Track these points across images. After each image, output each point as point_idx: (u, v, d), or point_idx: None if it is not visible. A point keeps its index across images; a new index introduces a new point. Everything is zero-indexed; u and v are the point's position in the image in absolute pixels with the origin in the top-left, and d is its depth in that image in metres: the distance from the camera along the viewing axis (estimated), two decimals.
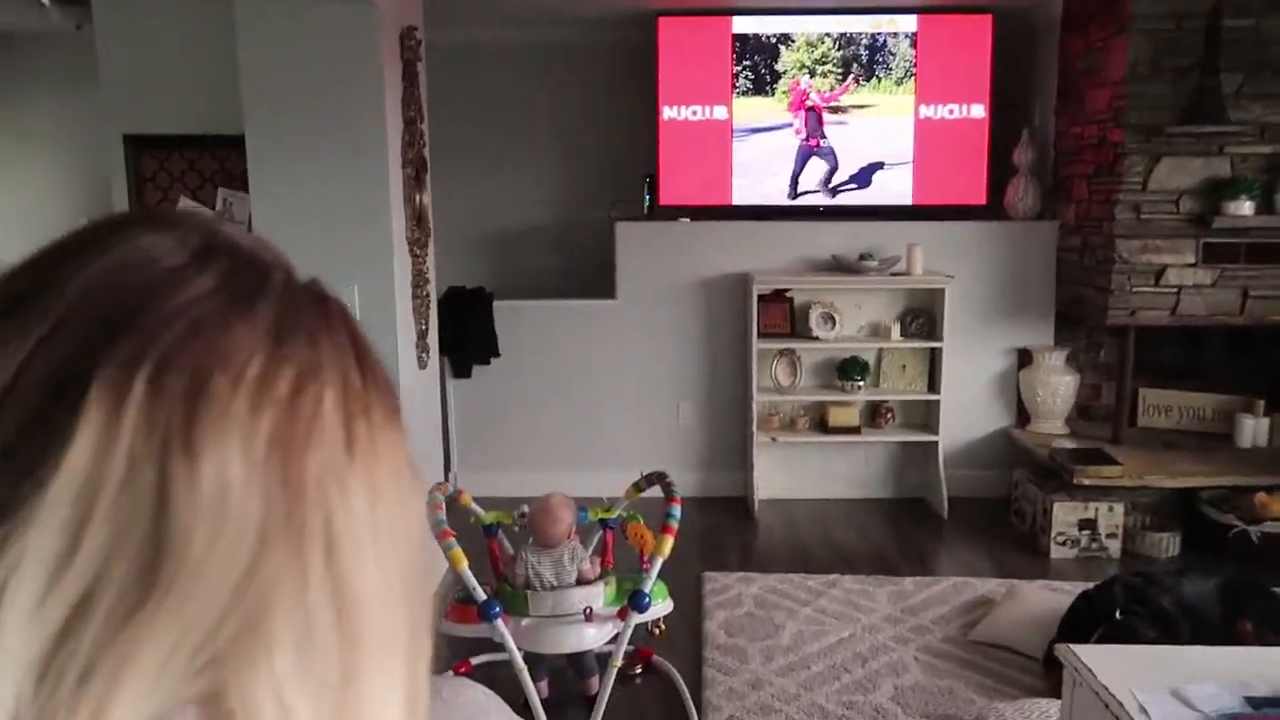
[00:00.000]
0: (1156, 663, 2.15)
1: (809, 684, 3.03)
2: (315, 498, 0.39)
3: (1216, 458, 4.25)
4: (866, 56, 4.70)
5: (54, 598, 0.36)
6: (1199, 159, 4.11)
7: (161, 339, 0.39)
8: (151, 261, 0.41)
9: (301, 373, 0.40)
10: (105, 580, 0.36)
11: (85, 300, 0.40)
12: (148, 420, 0.37)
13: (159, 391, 0.37)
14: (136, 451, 0.37)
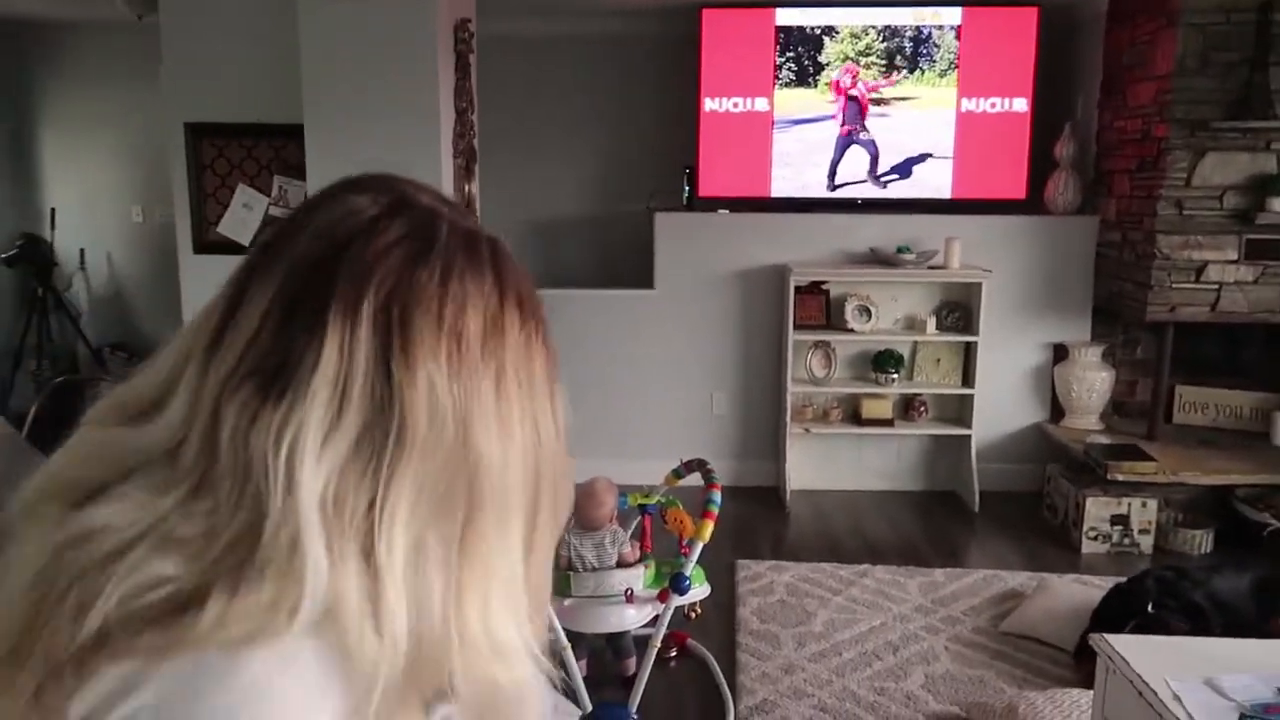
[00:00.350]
0: (1190, 654, 2.19)
1: (841, 670, 3.09)
2: (465, 393, 0.59)
3: (1253, 455, 4.24)
4: (910, 48, 4.71)
5: (328, 451, 0.56)
6: (1245, 154, 4.09)
7: (375, 276, 0.58)
8: (354, 214, 0.60)
9: (459, 306, 0.59)
10: (364, 441, 0.57)
11: (311, 244, 0.60)
12: (373, 338, 0.57)
13: (380, 319, 0.57)
14: (370, 358, 0.57)
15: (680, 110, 4.88)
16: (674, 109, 4.94)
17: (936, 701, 2.91)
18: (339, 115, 3.29)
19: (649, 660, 2.64)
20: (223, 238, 3.90)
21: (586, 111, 5.11)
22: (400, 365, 0.57)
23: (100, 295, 6.07)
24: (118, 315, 6.10)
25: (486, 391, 0.59)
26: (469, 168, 3.61)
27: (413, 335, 0.57)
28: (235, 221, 3.88)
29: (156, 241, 6.05)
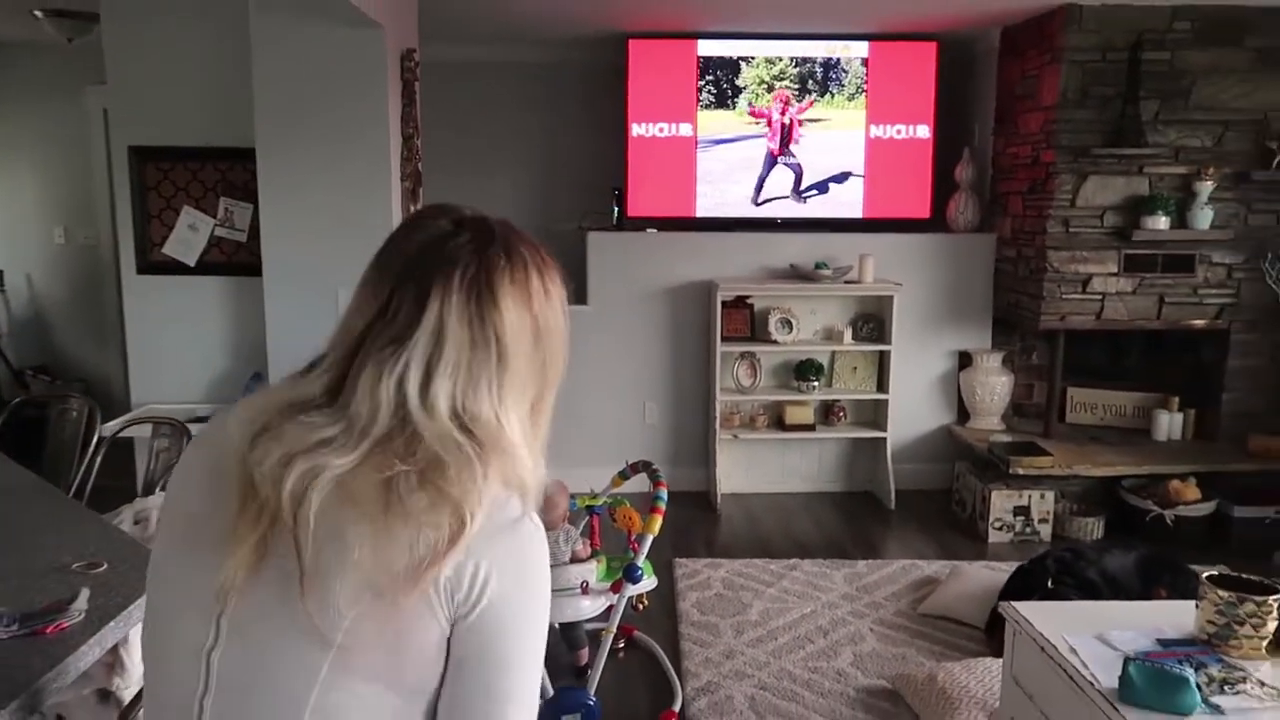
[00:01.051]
0: (1084, 616, 2.50)
1: (777, 653, 3.34)
2: (531, 315, 0.96)
3: (1136, 450, 4.67)
4: (821, 73, 5.06)
5: (440, 378, 0.90)
6: (1121, 178, 4.54)
7: (460, 262, 0.93)
8: (436, 229, 0.96)
9: (517, 266, 0.96)
10: (474, 364, 0.91)
11: (413, 251, 0.95)
12: (465, 299, 0.92)
13: (471, 286, 0.92)
14: (466, 312, 0.91)
15: (609, 134, 5.12)
16: (604, 133, 5.18)
17: (865, 677, 3.18)
18: (290, 141, 3.42)
19: (605, 646, 2.84)
20: (167, 258, 3.96)
21: (521, 136, 5.31)
22: (490, 307, 0.92)
23: (20, 317, 5.98)
24: (38, 337, 6.02)
25: (542, 312, 0.96)
26: (415, 190, 3.77)
27: (495, 289, 0.93)
28: (180, 242, 3.95)
29: (79, 263, 6.01)
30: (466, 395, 0.90)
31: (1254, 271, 4.58)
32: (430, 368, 0.89)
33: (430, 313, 0.89)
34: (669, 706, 2.97)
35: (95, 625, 1.48)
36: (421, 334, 0.89)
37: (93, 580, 1.59)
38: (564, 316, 1.01)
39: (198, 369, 4.00)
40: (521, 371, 0.94)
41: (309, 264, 3.49)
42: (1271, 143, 4.45)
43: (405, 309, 0.90)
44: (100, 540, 1.82)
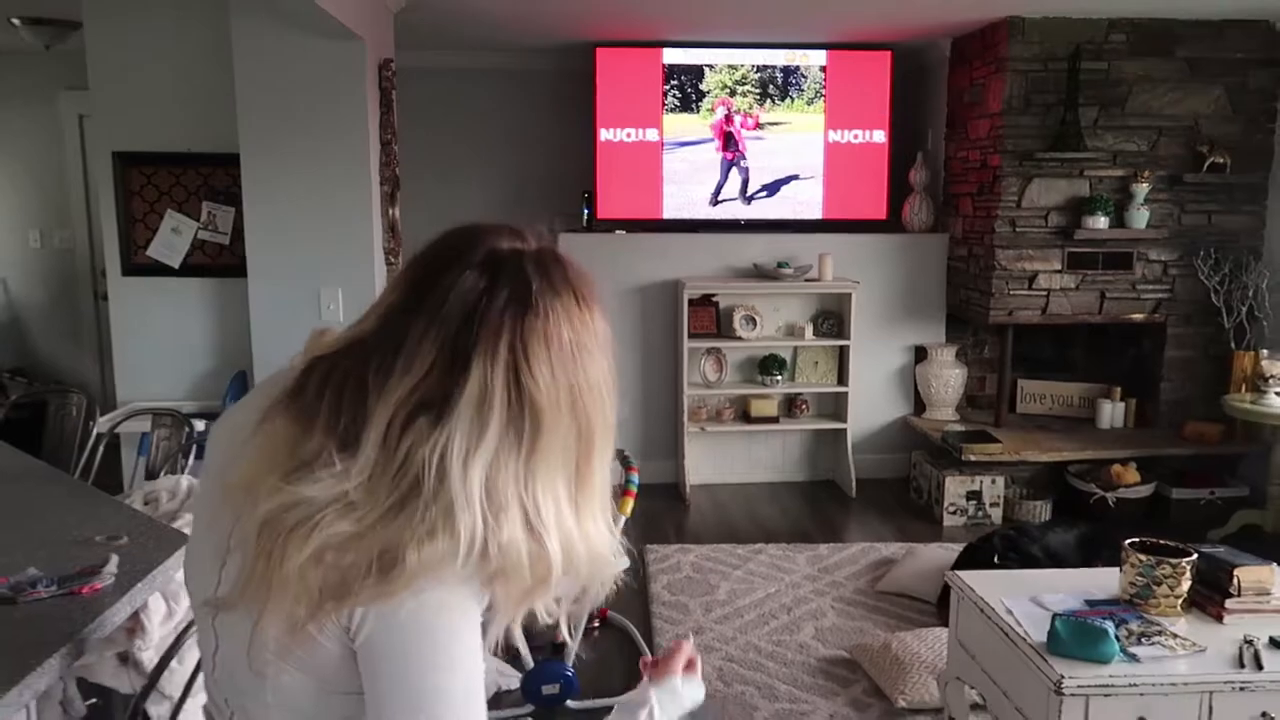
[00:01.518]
0: (1021, 582, 2.73)
1: (743, 629, 3.55)
2: (569, 377, 0.92)
3: (1081, 437, 4.94)
4: (782, 79, 5.28)
5: (479, 452, 0.87)
6: (1063, 180, 4.80)
7: (503, 331, 0.90)
8: (472, 290, 0.94)
9: (556, 325, 0.93)
10: (507, 437, 0.89)
11: (450, 313, 0.92)
12: (506, 369, 0.89)
13: (509, 356, 0.90)
14: (505, 382, 0.89)
15: (579, 138, 5.31)
16: (573, 137, 5.37)
17: (825, 648, 3.40)
18: (273, 147, 3.57)
19: (582, 620, 3.02)
20: (151, 260, 4.09)
21: (493, 140, 5.48)
22: (527, 377, 0.88)
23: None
24: (15, 340, 6.08)
25: (580, 370, 0.94)
26: (393, 194, 3.93)
27: (532, 357, 0.90)
28: (164, 245, 4.08)
29: (55, 266, 6.09)
30: (494, 476, 0.88)
31: (1187, 268, 4.87)
32: (470, 444, 0.87)
33: (473, 385, 0.87)
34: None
35: (125, 587, 1.64)
36: (465, 406, 0.87)
37: (117, 550, 1.75)
38: (606, 365, 0.97)
39: (182, 368, 4.12)
40: (556, 448, 0.91)
41: (292, 265, 3.64)
42: (1202, 147, 4.74)
43: (439, 372, 0.88)
44: (118, 517, 1.98)
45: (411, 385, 0.87)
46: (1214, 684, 2.21)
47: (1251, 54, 4.71)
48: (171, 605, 1.94)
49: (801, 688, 3.12)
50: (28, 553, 1.71)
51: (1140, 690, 2.19)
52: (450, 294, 0.92)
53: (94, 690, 2.09)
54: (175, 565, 1.80)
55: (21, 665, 1.33)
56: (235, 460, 0.94)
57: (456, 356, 0.88)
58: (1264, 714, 2.22)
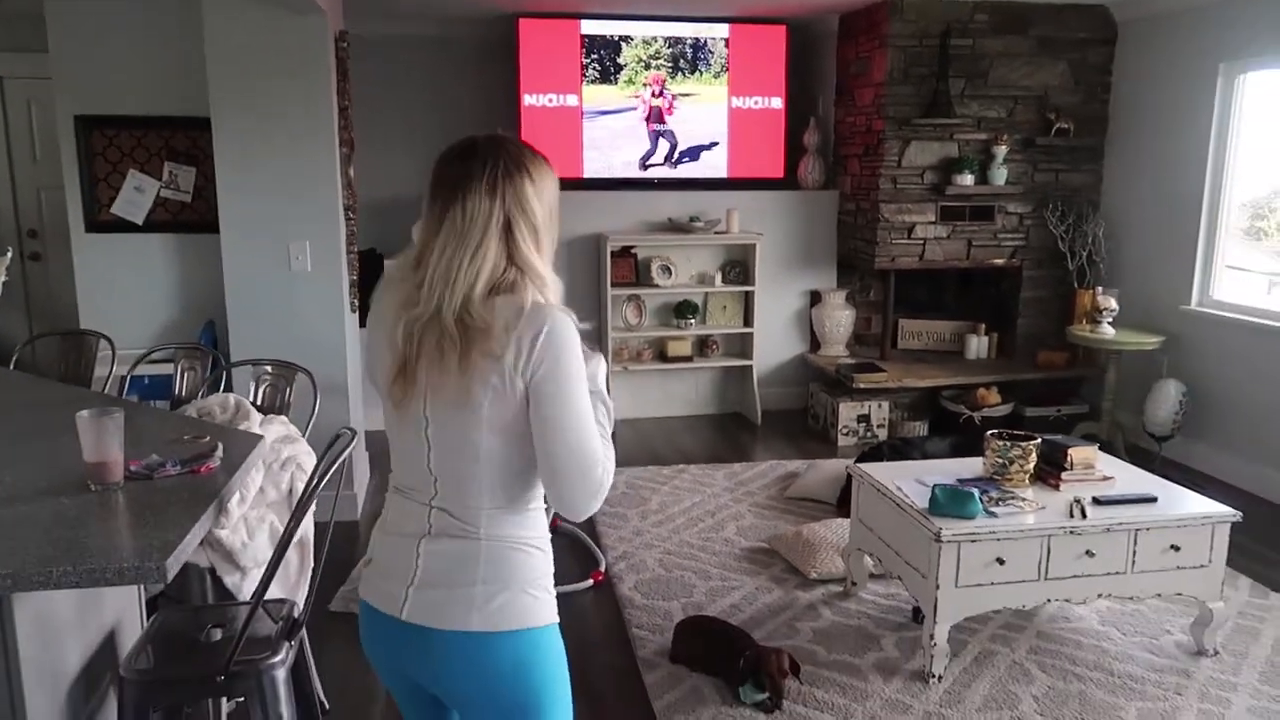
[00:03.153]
0: (907, 469, 3.40)
1: (676, 530, 4.14)
2: (544, 189, 1.48)
3: (952, 366, 5.71)
4: (691, 54, 5.81)
5: (487, 242, 1.41)
6: (936, 143, 5.51)
7: (485, 174, 1.41)
8: (467, 162, 1.44)
9: (527, 165, 1.45)
10: (511, 227, 1.43)
11: (455, 179, 1.43)
12: (494, 194, 1.40)
13: (499, 185, 1.40)
14: (497, 198, 1.41)
15: (504, 103, 5.71)
16: (499, 102, 5.76)
17: (746, 541, 4.02)
18: (243, 112, 3.87)
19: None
20: (115, 218, 4.34)
21: (426, 104, 5.81)
22: (510, 191, 1.37)
23: None
24: None
25: (548, 187, 1.45)
26: (350, 156, 4.29)
27: (516, 181, 1.38)
28: (127, 202, 4.34)
29: None
30: (525, 253, 1.40)
31: (1039, 219, 5.66)
32: (514, 244, 1.40)
33: (470, 206, 1.37)
34: (596, 568, 3.72)
35: (230, 469, 2.06)
36: (464, 222, 1.36)
37: (216, 443, 2.17)
38: (557, 192, 1.49)
39: (148, 319, 4.41)
40: (544, 230, 1.44)
41: (262, 220, 3.97)
42: (1050, 114, 5.51)
43: (452, 210, 1.38)
44: (189, 425, 2.38)
45: (446, 224, 1.38)
46: (1051, 530, 2.91)
47: (1091, 34, 5.49)
48: (243, 493, 2.37)
49: (730, 570, 3.73)
50: (134, 449, 2.11)
51: (998, 537, 2.88)
52: (455, 169, 1.42)
53: None
54: (257, 458, 2.23)
55: (189, 516, 1.76)
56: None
57: (456, 194, 1.39)
58: (1087, 551, 2.94)
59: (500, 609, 1.41)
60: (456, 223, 1.37)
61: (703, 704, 2.81)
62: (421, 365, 1.38)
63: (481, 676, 1.43)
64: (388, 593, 1.46)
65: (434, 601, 1.42)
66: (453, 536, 1.43)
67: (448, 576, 1.42)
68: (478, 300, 1.36)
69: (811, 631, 3.24)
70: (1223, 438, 4.88)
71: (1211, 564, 3.04)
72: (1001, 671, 2.99)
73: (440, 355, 1.36)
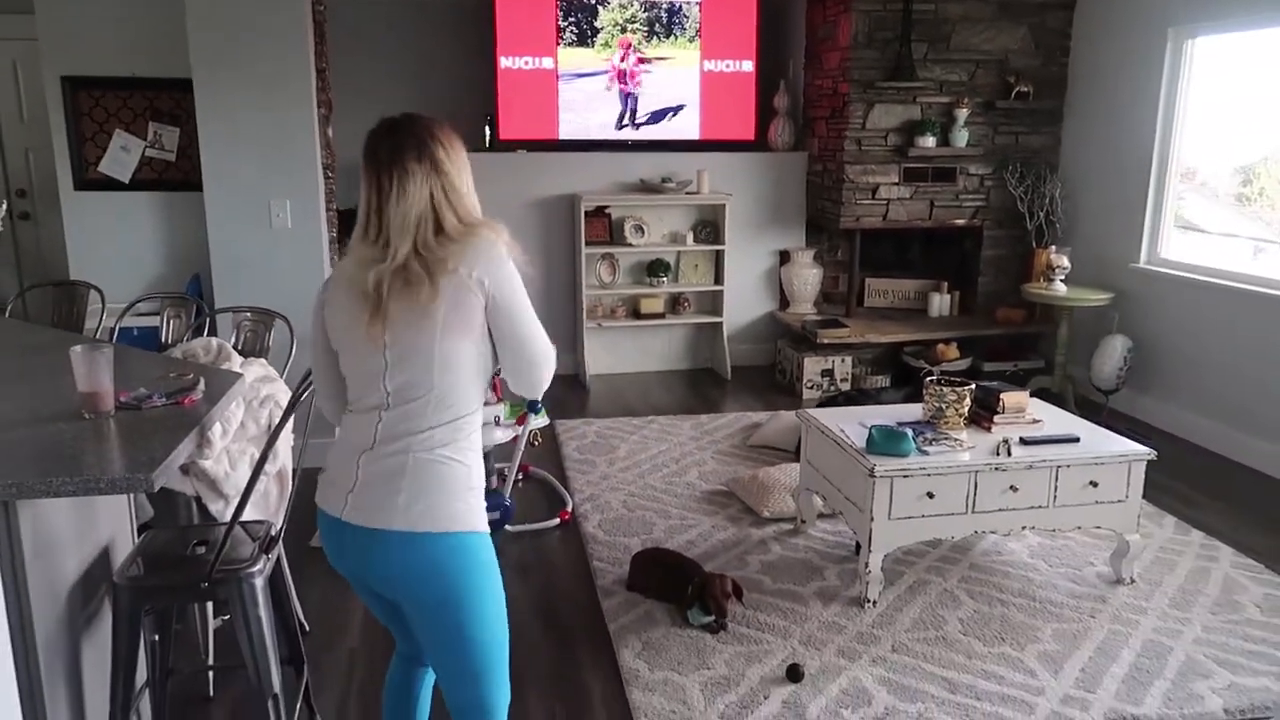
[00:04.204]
0: (852, 413, 3.62)
1: (641, 475, 4.37)
2: (459, 157, 1.78)
3: (915, 324, 5.93)
4: (666, 18, 5.95)
5: (419, 202, 1.72)
6: (900, 106, 5.68)
7: (413, 138, 1.72)
8: (394, 138, 1.75)
9: (446, 143, 1.74)
10: (439, 190, 1.73)
11: (385, 157, 1.72)
12: (419, 157, 1.70)
13: (428, 164, 1.70)
14: (422, 163, 1.71)
15: (481, 65, 5.85)
16: (476, 65, 5.90)
17: (707, 484, 4.26)
18: (225, 73, 4.03)
19: (515, 464, 3.78)
20: (103, 176, 4.50)
21: (403, 65, 5.94)
22: (430, 157, 1.65)
23: None
24: None
25: (458, 150, 1.72)
26: (328, 116, 4.45)
27: (435, 149, 1.66)
28: (114, 161, 4.50)
29: None
30: (453, 199, 1.68)
31: (999, 181, 5.86)
32: (439, 202, 1.67)
33: (412, 186, 1.65)
34: (564, 508, 3.95)
35: (212, 400, 2.27)
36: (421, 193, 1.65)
37: (198, 378, 2.37)
38: (464, 153, 1.75)
39: (135, 273, 4.58)
40: (461, 181, 1.70)
41: (244, 178, 4.14)
42: (1010, 77, 5.68)
43: (384, 190, 1.67)
44: (174, 365, 2.58)
45: (418, 191, 1.66)
46: (978, 467, 3.14)
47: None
48: (225, 426, 2.58)
49: (689, 510, 3.97)
50: (122, 383, 2.31)
51: (929, 473, 3.11)
52: (384, 144, 1.71)
53: (156, 499, 2.71)
54: (236, 393, 2.43)
55: (173, 439, 1.97)
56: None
57: (395, 171, 1.67)
58: (1012, 486, 3.18)
59: (421, 513, 1.66)
60: (399, 186, 1.65)
61: (654, 625, 3.05)
62: (391, 301, 1.64)
63: (405, 572, 1.68)
64: (333, 498, 1.74)
65: (367, 504, 1.68)
66: (388, 454, 1.68)
67: (380, 485, 1.68)
68: (431, 241, 1.65)
69: (760, 564, 3.48)
70: (1167, 390, 5.12)
71: (1128, 499, 3.27)
72: (932, 598, 3.23)
73: (408, 287, 1.63)
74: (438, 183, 1.66)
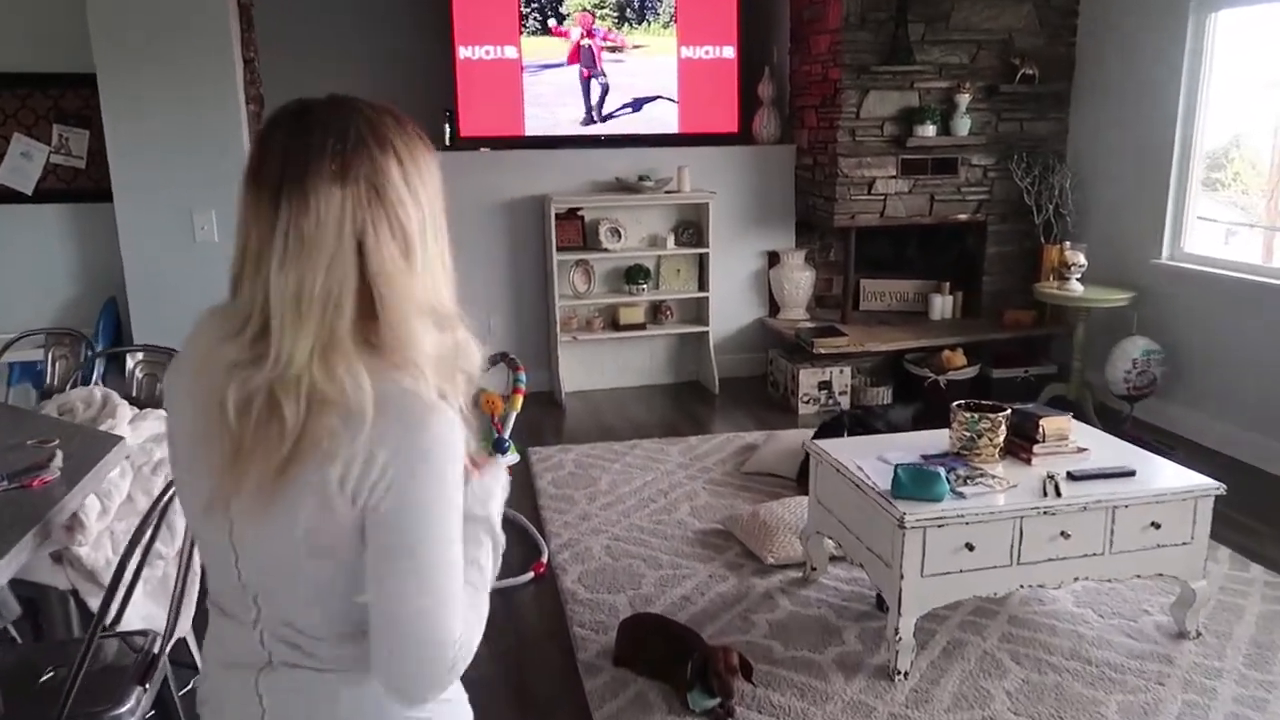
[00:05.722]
0: (869, 445, 3.14)
1: (626, 513, 3.87)
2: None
3: (916, 328, 5.47)
4: (638, 2, 5.44)
5: (335, 265, 0.97)
6: (896, 92, 5.21)
7: (337, 138, 0.98)
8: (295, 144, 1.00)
9: (371, 148, 0.99)
10: (380, 223, 0.98)
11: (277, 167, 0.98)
12: (342, 173, 0.97)
13: (349, 161, 0.97)
14: (346, 187, 0.97)
15: (439, 56, 5.32)
16: (434, 54, 5.37)
17: (700, 522, 3.76)
18: (133, 66, 3.50)
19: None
20: (1, 187, 3.94)
21: (347, 58, 5.40)
22: (365, 178, 0.97)
23: None
24: None
25: (426, 172, 1.04)
26: (259, 113, 3.91)
27: (376, 161, 0.98)
28: (14, 170, 3.94)
29: None
30: (390, 272, 0.98)
31: (1004, 171, 5.40)
32: (375, 264, 0.97)
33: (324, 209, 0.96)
34: (538, 559, 3.44)
35: (71, 480, 1.75)
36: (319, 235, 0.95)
37: (58, 449, 1.86)
38: (438, 182, 1.04)
39: (44, 297, 4.03)
40: (420, 237, 1.01)
41: (161, 187, 3.61)
42: (1014, 59, 5.23)
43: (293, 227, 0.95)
44: (41, 425, 2.06)
45: (334, 242, 0.97)
46: (1024, 511, 2.67)
47: None
48: (105, 504, 2.06)
49: (682, 556, 3.47)
50: None
51: (966, 520, 2.63)
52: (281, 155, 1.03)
53: (24, 593, 2.19)
54: (111, 463, 1.92)
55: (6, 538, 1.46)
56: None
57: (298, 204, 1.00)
58: (1062, 532, 2.71)
59: None
60: (295, 227, 0.94)
61: (648, 712, 2.55)
62: (257, 448, 0.96)
63: None
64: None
65: None
66: (298, 667, 1.07)
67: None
68: (346, 343, 0.96)
69: (768, 625, 2.99)
70: (1195, 397, 4.69)
71: (1194, 541, 2.82)
72: (972, 664, 2.76)
73: (266, 436, 0.95)
74: (377, 225, 0.96)
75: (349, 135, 0.98)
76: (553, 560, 3.46)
